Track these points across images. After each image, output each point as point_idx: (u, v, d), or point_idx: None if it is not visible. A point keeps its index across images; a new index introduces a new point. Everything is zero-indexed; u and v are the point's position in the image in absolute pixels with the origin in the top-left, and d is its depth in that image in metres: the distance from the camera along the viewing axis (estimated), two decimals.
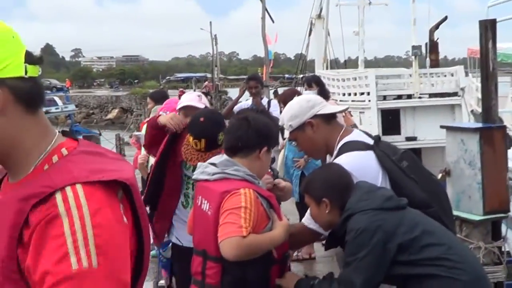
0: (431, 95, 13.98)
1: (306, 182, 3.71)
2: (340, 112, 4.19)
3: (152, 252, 8.35)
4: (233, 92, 46.80)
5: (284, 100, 8.26)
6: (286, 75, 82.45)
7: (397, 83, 14.43)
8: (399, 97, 14.01)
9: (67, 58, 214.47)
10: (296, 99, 4.16)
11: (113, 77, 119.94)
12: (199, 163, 3.71)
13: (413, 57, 13.98)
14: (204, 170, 3.56)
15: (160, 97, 7.03)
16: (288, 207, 5.20)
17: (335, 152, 3.84)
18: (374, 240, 3.25)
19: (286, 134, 4.07)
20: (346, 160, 3.65)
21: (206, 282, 3.42)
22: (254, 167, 3.53)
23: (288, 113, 3.96)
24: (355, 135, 3.88)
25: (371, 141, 3.81)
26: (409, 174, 3.65)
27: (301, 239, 4.04)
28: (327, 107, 3.96)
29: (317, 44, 21.14)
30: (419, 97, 13.76)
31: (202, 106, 5.14)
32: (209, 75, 74.43)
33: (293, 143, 4.22)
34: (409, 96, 13.86)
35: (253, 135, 3.52)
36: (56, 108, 45.60)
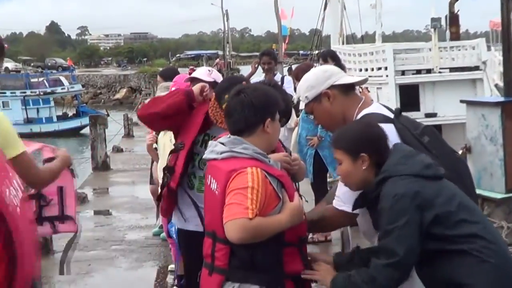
0: (452, 70, 13.93)
1: (338, 135, 3.59)
2: (360, 83, 4.11)
3: (162, 235, 8.40)
4: (245, 70, 46.76)
5: (297, 74, 8.25)
6: (301, 52, 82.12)
7: (416, 57, 14.36)
8: (418, 71, 13.97)
9: (73, 36, 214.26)
10: (312, 70, 4.13)
11: (121, 56, 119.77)
12: (210, 142, 3.70)
13: (432, 30, 13.90)
14: (213, 149, 3.54)
15: (170, 75, 7.02)
16: (304, 187, 5.20)
17: None
18: (413, 206, 3.20)
19: (302, 106, 4.04)
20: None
21: (215, 265, 3.42)
22: (262, 142, 3.50)
23: (304, 84, 3.93)
24: (375, 108, 3.84)
25: (391, 115, 3.77)
26: (430, 149, 3.60)
27: (332, 223, 4.00)
28: (345, 78, 3.92)
29: (333, 19, 20.98)
30: (439, 72, 13.71)
31: (211, 80, 5.13)
32: (220, 52, 74.26)
33: (311, 116, 4.18)
34: (429, 71, 13.81)
35: (250, 114, 3.48)
36: (62, 89, 45.80)
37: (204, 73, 5.31)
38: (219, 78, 5.30)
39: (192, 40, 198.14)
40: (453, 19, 16.26)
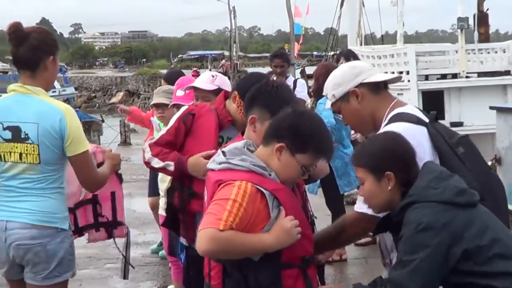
0: (480, 74, 13.88)
1: (359, 151, 3.56)
2: (392, 81, 4.05)
3: (161, 253, 8.41)
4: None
5: (318, 75, 8.23)
6: (315, 53, 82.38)
7: (441, 60, 14.33)
8: (443, 76, 13.93)
9: (66, 35, 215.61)
10: (340, 66, 4.15)
11: (118, 56, 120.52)
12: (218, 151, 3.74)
13: (459, 30, 13.86)
14: (215, 158, 3.58)
15: (176, 79, 7.04)
16: (315, 200, 5.21)
17: (383, 124, 3.77)
18: (438, 240, 3.11)
19: (328, 105, 4.03)
20: (391, 129, 3.60)
21: (211, 284, 3.48)
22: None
23: (331, 81, 3.94)
24: (409, 108, 3.83)
25: (425, 119, 3.74)
26: (464, 161, 3.57)
27: (356, 232, 3.92)
28: (376, 75, 3.91)
29: (350, 17, 20.96)
30: (466, 77, 13.66)
31: (214, 87, 5.15)
32: (226, 53, 74.45)
33: (339, 115, 4.19)
34: (455, 76, 13.77)
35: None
36: (53, 91, 45.69)
37: (207, 80, 5.28)
38: (224, 83, 5.29)
39: (195, 39, 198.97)
40: (482, 18, 16.23)
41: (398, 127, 3.59)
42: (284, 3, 22.90)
